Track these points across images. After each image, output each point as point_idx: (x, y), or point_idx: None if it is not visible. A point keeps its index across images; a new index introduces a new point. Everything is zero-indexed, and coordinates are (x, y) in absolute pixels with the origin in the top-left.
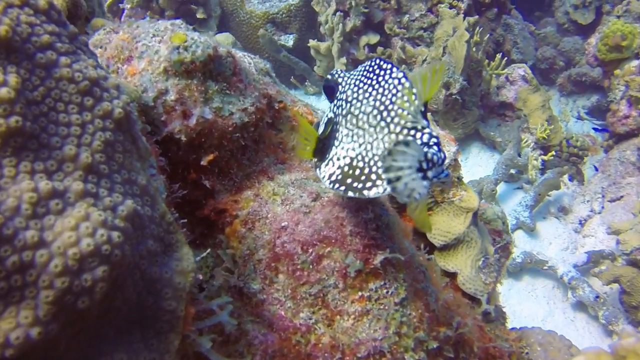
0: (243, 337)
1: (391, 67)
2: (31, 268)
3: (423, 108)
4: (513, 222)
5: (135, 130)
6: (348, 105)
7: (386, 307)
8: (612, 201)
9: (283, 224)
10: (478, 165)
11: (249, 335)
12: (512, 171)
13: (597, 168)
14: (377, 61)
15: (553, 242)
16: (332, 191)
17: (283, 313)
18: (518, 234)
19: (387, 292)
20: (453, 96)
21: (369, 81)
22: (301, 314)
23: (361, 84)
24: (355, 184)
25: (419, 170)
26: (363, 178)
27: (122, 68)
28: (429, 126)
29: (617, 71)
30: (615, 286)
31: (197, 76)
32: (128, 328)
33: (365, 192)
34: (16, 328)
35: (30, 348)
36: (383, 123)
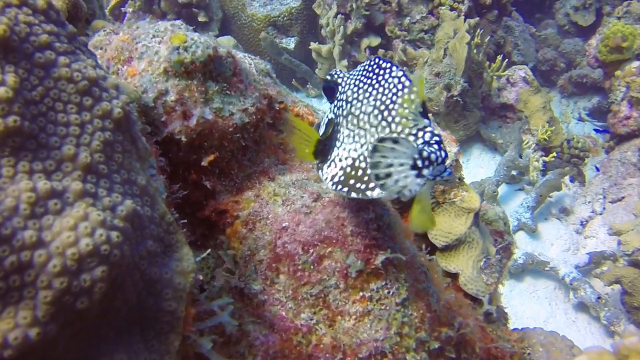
0: (244, 338)
1: (390, 66)
2: (30, 268)
3: (422, 108)
4: (514, 224)
5: (134, 130)
6: (348, 105)
7: (387, 308)
8: (614, 202)
9: (284, 225)
10: (479, 166)
11: (250, 336)
12: (514, 172)
13: (599, 168)
14: (377, 60)
15: (554, 243)
16: (333, 191)
17: (284, 314)
18: (519, 235)
19: (389, 293)
20: (454, 98)
21: (369, 81)
22: (302, 315)
23: (361, 84)
24: (358, 185)
25: (414, 167)
26: (366, 179)
27: (122, 69)
28: (431, 124)
29: (618, 72)
30: (616, 287)
31: (197, 77)
32: (128, 329)
33: (368, 193)
34: (15, 328)
35: (28, 348)
36: (384, 123)
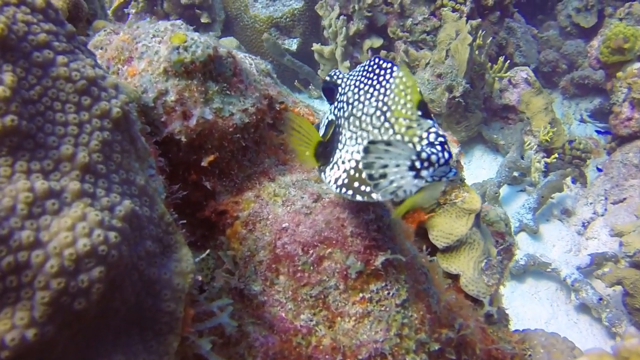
0: (244, 339)
1: (391, 66)
2: (27, 269)
3: (423, 109)
4: (516, 225)
5: (134, 130)
6: (350, 107)
7: (387, 309)
8: (615, 203)
9: (284, 225)
10: (481, 167)
11: (250, 337)
12: (515, 174)
13: (601, 169)
14: (377, 60)
15: (556, 245)
16: (333, 192)
17: (284, 315)
18: (521, 237)
19: (389, 294)
20: (456, 99)
21: (370, 81)
22: (302, 316)
23: (362, 85)
24: (362, 188)
25: (412, 168)
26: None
27: (123, 69)
28: (435, 125)
29: (620, 74)
30: (618, 288)
31: (197, 77)
32: (127, 329)
33: (374, 196)
34: (12, 329)
35: (26, 350)
36: (387, 124)
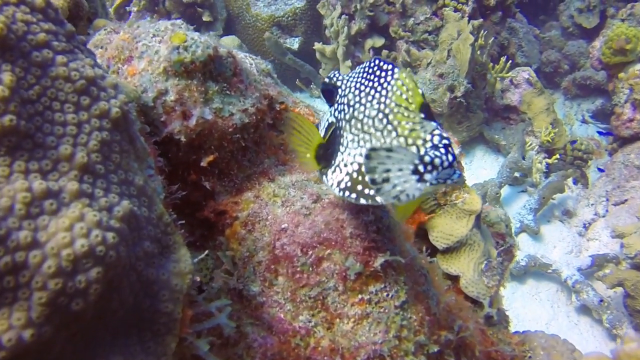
0: (242, 340)
1: (392, 68)
2: (24, 269)
3: (426, 110)
4: (517, 226)
5: (133, 130)
6: (351, 109)
7: (386, 311)
8: (617, 204)
9: (283, 226)
10: (482, 168)
11: (248, 338)
12: (517, 174)
13: (603, 169)
14: (377, 62)
15: (557, 246)
16: (336, 195)
17: (282, 316)
18: (522, 237)
19: (388, 295)
20: (458, 99)
21: (371, 83)
22: (300, 317)
23: (362, 87)
24: (366, 191)
25: (415, 172)
26: None
27: (123, 68)
28: (439, 127)
29: (622, 74)
30: (619, 290)
31: (197, 76)
32: (124, 330)
33: (378, 199)
34: (8, 330)
35: (23, 350)
36: (390, 126)
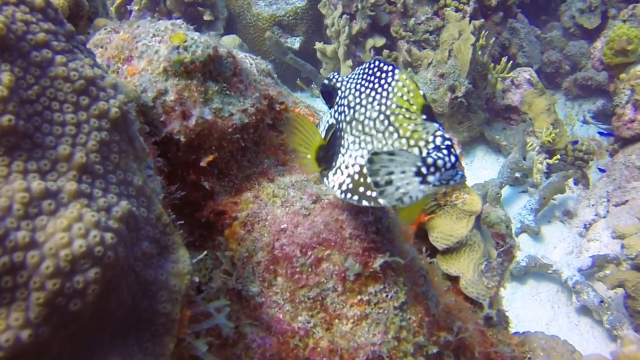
0: (241, 341)
1: (393, 69)
2: (22, 269)
3: (427, 112)
4: (518, 226)
5: (132, 130)
6: (351, 111)
7: (385, 311)
8: (617, 205)
9: (282, 227)
10: (483, 168)
11: (247, 338)
12: (517, 175)
13: (604, 170)
14: (377, 63)
15: (558, 246)
16: (338, 198)
17: (281, 316)
18: (523, 238)
19: (387, 296)
20: (458, 99)
21: (371, 85)
22: (299, 318)
23: (363, 88)
24: (368, 193)
25: (418, 174)
26: None
27: (122, 68)
28: (441, 127)
29: (623, 75)
30: (619, 290)
31: (197, 76)
32: (123, 331)
33: (380, 201)
34: (6, 330)
35: (20, 351)
36: (391, 128)
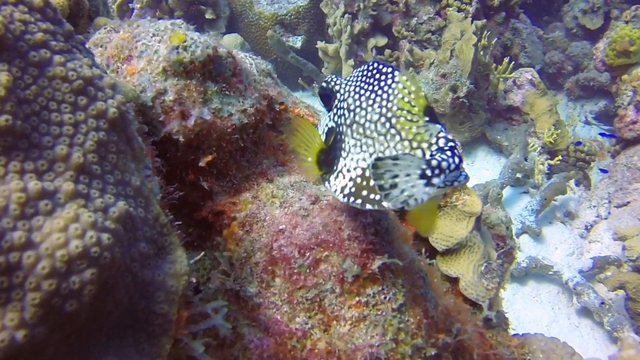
0: (238, 341)
1: (392, 71)
2: (18, 270)
3: (429, 113)
4: (519, 227)
5: (130, 130)
6: (351, 114)
7: (383, 313)
8: (619, 207)
9: (281, 227)
10: (484, 169)
11: (245, 339)
12: (519, 175)
13: (606, 171)
14: (375, 65)
15: (559, 247)
16: (340, 201)
17: (279, 317)
18: (523, 239)
19: (385, 298)
20: (460, 99)
21: (370, 87)
22: (297, 319)
23: (362, 91)
24: (372, 196)
25: (422, 177)
26: None
27: (122, 67)
28: (444, 128)
29: (625, 76)
30: (620, 292)
31: (196, 76)
32: (119, 332)
33: (384, 204)
34: (1, 330)
35: (15, 351)
36: (393, 130)
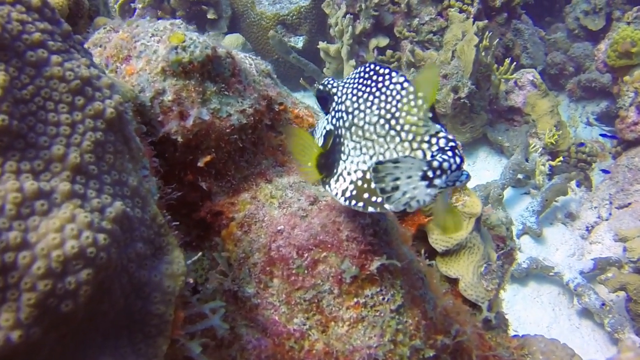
0: (236, 342)
1: (389, 72)
2: (13, 270)
3: (431, 113)
4: (520, 227)
5: (128, 130)
6: (350, 116)
7: (382, 314)
8: (620, 208)
9: (279, 228)
10: (485, 169)
11: (243, 339)
12: (520, 176)
13: (608, 171)
14: (372, 66)
15: (559, 248)
16: (338, 202)
17: (277, 318)
18: (524, 240)
19: (383, 299)
20: (461, 100)
21: (368, 89)
22: (295, 320)
23: (360, 93)
24: (373, 199)
25: (424, 178)
26: None
27: (121, 67)
28: (444, 129)
29: (627, 77)
30: (621, 294)
31: (195, 77)
32: (115, 332)
33: (386, 206)
34: None
35: (11, 351)
36: (393, 132)
